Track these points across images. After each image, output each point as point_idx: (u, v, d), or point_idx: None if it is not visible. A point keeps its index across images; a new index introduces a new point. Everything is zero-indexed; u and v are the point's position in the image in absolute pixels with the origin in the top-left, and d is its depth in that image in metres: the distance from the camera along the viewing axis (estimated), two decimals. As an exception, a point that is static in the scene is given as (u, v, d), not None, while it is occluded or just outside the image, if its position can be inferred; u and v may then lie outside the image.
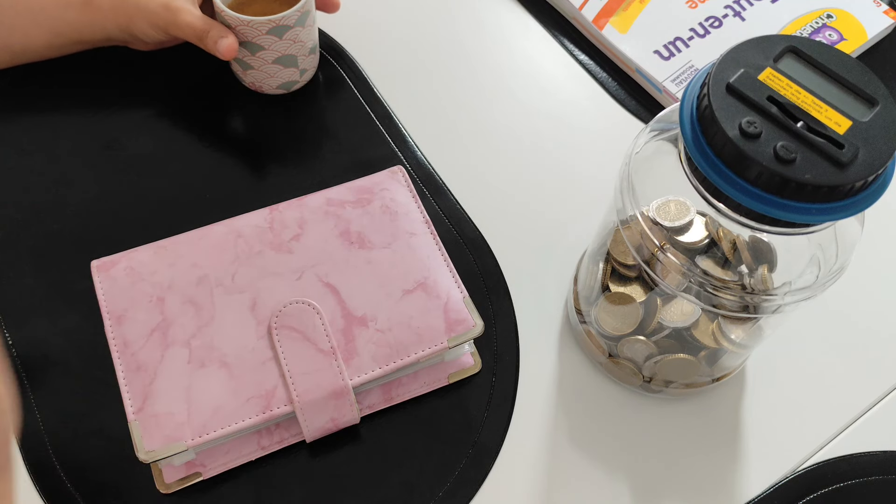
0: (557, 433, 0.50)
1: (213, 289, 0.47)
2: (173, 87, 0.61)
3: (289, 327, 0.46)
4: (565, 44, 0.67)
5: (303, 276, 0.48)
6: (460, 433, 0.49)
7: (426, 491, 0.47)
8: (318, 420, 0.45)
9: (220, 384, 0.44)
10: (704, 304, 0.41)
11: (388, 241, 0.50)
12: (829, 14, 0.66)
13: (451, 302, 0.48)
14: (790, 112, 0.35)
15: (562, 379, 0.52)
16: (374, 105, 0.62)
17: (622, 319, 0.48)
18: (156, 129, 0.59)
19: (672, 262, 0.41)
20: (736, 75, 0.36)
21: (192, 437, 0.43)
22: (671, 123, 0.42)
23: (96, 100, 0.60)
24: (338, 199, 0.51)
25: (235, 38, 0.55)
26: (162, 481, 0.45)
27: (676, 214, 0.43)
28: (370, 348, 0.46)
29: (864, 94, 0.36)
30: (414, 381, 0.49)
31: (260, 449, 0.47)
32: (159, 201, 0.56)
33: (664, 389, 0.50)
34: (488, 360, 0.51)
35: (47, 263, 0.53)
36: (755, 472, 0.49)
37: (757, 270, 0.42)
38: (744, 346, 0.48)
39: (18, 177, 0.56)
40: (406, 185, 0.53)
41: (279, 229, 0.50)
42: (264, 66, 0.58)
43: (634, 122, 0.63)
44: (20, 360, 0.49)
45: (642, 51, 0.64)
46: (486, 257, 0.55)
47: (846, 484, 0.49)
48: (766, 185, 0.34)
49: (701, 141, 0.35)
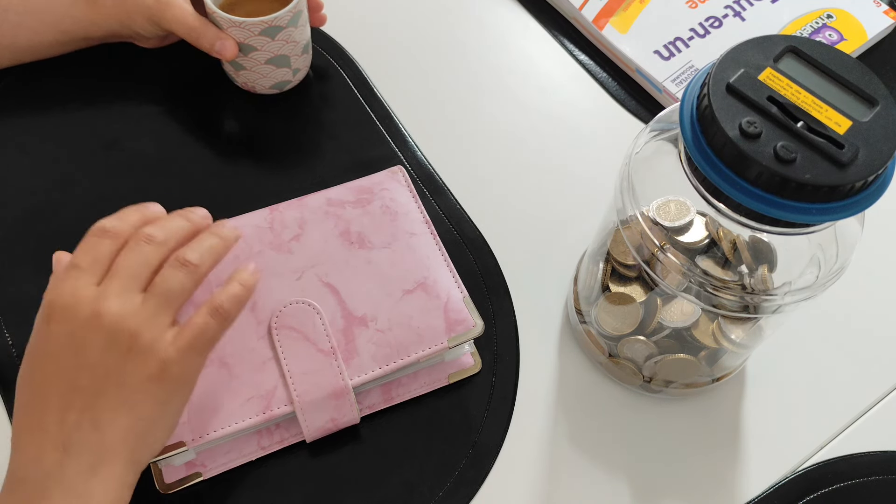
0: (557, 433, 0.50)
1: (212, 289, 0.47)
2: (174, 88, 0.61)
3: (289, 327, 0.46)
4: (565, 44, 0.67)
5: (303, 276, 0.48)
6: (460, 433, 0.49)
7: (426, 491, 0.47)
8: (318, 420, 0.45)
9: (221, 384, 0.44)
10: (704, 304, 0.41)
11: (388, 241, 0.50)
12: (829, 14, 0.66)
13: (451, 302, 0.48)
14: (790, 112, 0.35)
15: (562, 379, 0.51)
16: (374, 105, 0.62)
17: (622, 319, 0.48)
18: (156, 129, 0.59)
19: (672, 262, 0.41)
20: (736, 75, 0.36)
21: (192, 437, 0.43)
22: (671, 123, 0.42)
23: (97, 101, 0.60)
24: (338, 199, 0.51)
25: (234, 41, 0.55)
26: (162, 481, 0.45)
27: (676, 214, 0.43)
28: (370, 348, 0.46)
29: (864, 94, 0.36)
30: (414, 381, 0.49)
31: (260, 449, 0.47)
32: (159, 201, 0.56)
33: (664, 389, 0.50)
34: (488, 360, 0.51)
35: (47, 263, 0.53)
36: (755, 472, 0.49)
37: (757, 270, 0.42)
38: (744, 346, 0.48)
39: (19, 177, 0.56)
40: (406, 185, 0.53)
41: (279, 229, 0.50)
42: (257, 67, 0.57)
43: (634, 122, 0.63)
44: (20, 361, 0.49)
45: (642, 51, 0.64)
46: (486, 257, 0.55)
47: (846, 484, 0.49)
48: (766, 185, 0.34)
49: (701, 141, 0.35)
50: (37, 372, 0.39)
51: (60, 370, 0.39)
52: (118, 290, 0.39)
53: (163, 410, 0.40)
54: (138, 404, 0.39)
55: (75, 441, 0.38)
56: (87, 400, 0.38)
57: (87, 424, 0.38)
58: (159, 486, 0.45)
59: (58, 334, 0.39)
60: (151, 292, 0.40)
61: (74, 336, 0.38)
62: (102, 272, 0.40)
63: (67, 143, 0.58)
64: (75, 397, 0.38)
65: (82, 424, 0.38)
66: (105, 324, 0.38)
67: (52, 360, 0.39)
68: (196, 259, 0.41)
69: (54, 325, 0.39)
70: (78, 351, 0.38)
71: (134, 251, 0.40)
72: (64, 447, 0.38)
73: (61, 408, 0.38)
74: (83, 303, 0.39)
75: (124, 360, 0.38)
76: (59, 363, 0.39)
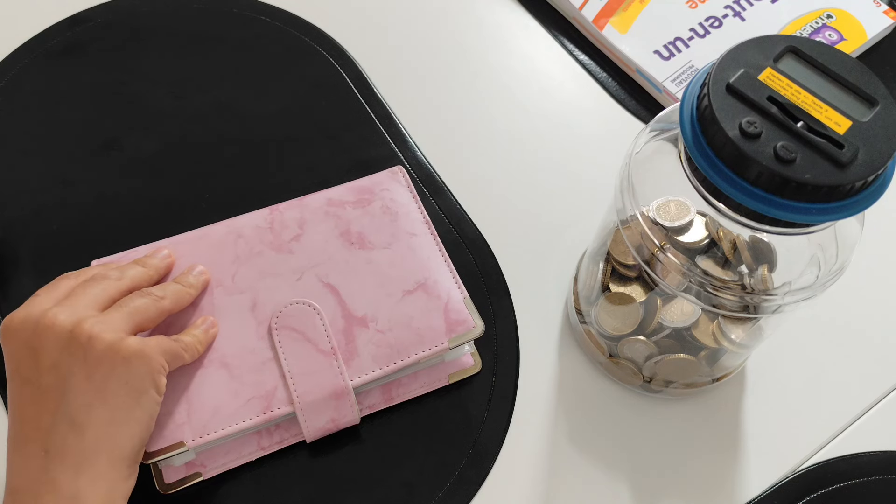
0: (557, 433, 0.50)
1: (213, 289, 0.47)
2: (174, 87, 0.61)
3: (289, 328, 0.46)
4: (565, 44, 0.67)
5: (303, 277, 0.48)
6: (460, 433, 0.49)
7: (426, 491, 0.47)
8: (318, 420, 0.45)
9: (221, 385, 0.44)
10: (704, 304, 0.41)
11: (388, 241, 0.50)
12: (829, 14, 0.66)
13: (452, 302, 0.48)
14: (790, 112, 0.35)
15: (562, 379, 0.51)
16: (374, 105, 0.62)
17: (622, 319, 0.48)
18: (156, 128, 0.59)
19: (672, 262, 0.41)
20: (736, 75, 0.36)
21: (192, 437, 0.43)
22: (671, 123, 0.42)
23: (96, 100, 0.60)
24: (338, 200, 0.51)
25: None
26: (162, 481, 0.45)
27: (676, 214, 0.43)
28: (370, 349, 0.46)
29: (864, 94, 0.36)
30: (414, 381, 0.49)
31: (260, 449, 0.47)
32: (159, 201, 0.56)
33: (664, 389, 0.50)
34: (488, 360, 0.51)
35: (47, 263, 0.53)
36: (755, 472, 0.49)
37: (757, 270, 0.42)
38: (744, 346, 0.48)
39: (19, 177, 0.56)
40: (406, 186, 0.53)
41: (279, 230, 0.50)
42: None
43: (634, 122, 0.63)
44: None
45: (642, 51, 0.64)
46: (486, 257, 0.55)
47: (846, 484, 0.49)
48: (766, 185, 0.34)
49: (701, 141, 0.35)
50: (11, 391, 0.40)
51: (26, 378, 0.39)
52: (70, 304, 0.40)
53: (138, 397, 0.40)
54: (110, 393, 0.39)
55: (55, 443, 0.38)
56: (58, 399, 0.38)
57: (64, 425, 0.38)
58: (159, 486, 0.45)
59: (15, 349, 0.40)
60: (113, 307, 0.42)
61: (30, 344, 0.39)
62: (61, 297, 0.41)
63: (66, 142, 0.58)
64: (45, 399, 0.39)
65: (59, 426, 0.38)
66: (58, 324, 0.39)
67: (17, 373, 0.39)
68: (159, 293, 0.43)
69: (10, 341, 0.40)
70: (36, 356, 0.39)
71: (91, 283, 0.42)
72: (46, 451, 0.38)
73: (35, 414, 0.39)
74: (35, 315, 0.40)
75: (85, 353, 0.39)
76: (22, 373, 0.39)
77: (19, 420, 0.39)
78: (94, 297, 0.41)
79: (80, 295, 0.41)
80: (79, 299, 0.41)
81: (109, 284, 0.42)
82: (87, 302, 0.41)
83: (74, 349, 0.39)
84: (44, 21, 0.64)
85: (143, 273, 0.45)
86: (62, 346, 0.39)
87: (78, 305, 0.40)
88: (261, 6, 0.66)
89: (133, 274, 0.44)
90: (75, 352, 0.39)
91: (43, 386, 0.39)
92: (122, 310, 0.41)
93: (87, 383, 0.39)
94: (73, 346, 0.39)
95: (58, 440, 0.38)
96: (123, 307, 0.42)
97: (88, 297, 0.41)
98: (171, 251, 0.48)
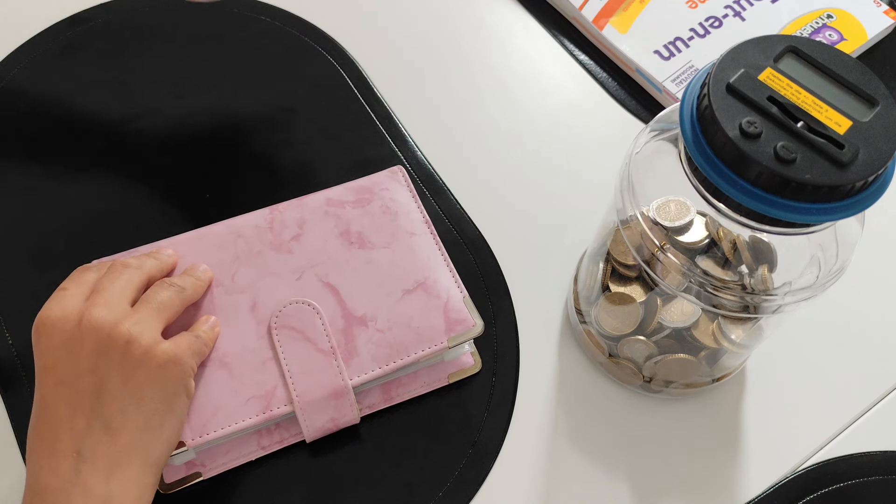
0: (557, 433, 0.50)
1: (213, 289, 0.47)
2: (174, 87, 0.61)
3: (289, 327, 0.46)
4: (565, 44, 0.67)
5: (303, 277, 0.48)
6: (460, 433, 0.49)
7: (426, 491, 0.47)
8: (318, 420, 0.45)
9: (220, 384, 0.44)
10: (704, 304, 0.41)
11: (388, 241, 0.50)
12: (829, 14, 0.66)
13: (452, 302, 0.48)
14: (790, 112, 0.35)
15: (562, 379, 0.51)
16: (374, 105, 0.62)
17: (622, 319, 0.48)
18: (156, 128, 0.59)
19: (672, 262, 0.41)
20: (736, 75, 0.36)
21: (192, 437, 0.43)
22: (671, 123, 0.42)
23: (96, 100, 0.60)
24: (338, 199, 0.51)
25: None
26: (162, 481, 0.45)
27: (676, 214, 0.43)
28: (370, 348, 0.46)
29: (864, 94, 0.36)
30: (414, 380, 0.49)
31: (260, 449, 0.47)
32: (159, 201, 0.56)
33: (664, 389, 0.50)
34: (488, 360, 0.51)
35: (47, 263, 0.53)
36: (755, 472, 0.49)
37: (757, 270, 0.42)
38: (744, 346, 0.48)
39: (18, 176, 0.56)
40: (406, 185, 0.53)
41: (279, 229, 0.50)
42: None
43: (634, 122, 0.63)
44: (20, 360, 0.49)
45: (642, 51, 0.64)
46: (486, 257, 0.55)
47: (846, 484, 0.49)
48: (766, 185, 0.34)
49: (701, 141, 0.35)
50: (41, 387, 0.40)
51: (61, 379, 0.39)
52: (105, 301, 0.41)
53: (171, 403, 0.40)
54: (145, 399, 0.39)
55: (88, 446, 0.38)
56: (93, 402, 0.39)
57: (98, 428, 0.38)
58: (159, 486, 0.45)
59: (52, 347, 0.39)
60: (141, 302, 0.42)
61: (68, 345, 0.39)
62: (88, 293, 0.42)
63: (66, 141, 0.58)
64: (80, 401, 0.39)
65: (93, 428, 0.38)
66: (97, 327, 0.39)
67: (52, 372, 0.39)
68: (180, 282, 0.44)
69: (46, 339, 0.40)
70: (75, 357, 0.39)
71: (115, 273, 0.42)
72: (78, 453, 0.38)
73: (69, 415, 0.38)
74: (72, 314, 0.40)
75: (123, 358, 0.39)
76: (58, 374, 0.39)
77: (50, 420, 0.39)
78: (122, 291, 0.42)
79: (108, 289, 0.41)
80: (111, 294, 0.41)
81: (133, 274, 0.43)
82: (119, 297, 0.41)
83: (112, 353, 0.39)
84: (44, 21, 0.64)
85: (157, 265, 0.45)
86: (101, 350, 0.39)
87: (112, 302, 0.41)
88: (261, 6, 0.66)
89: (150, 265, 0.45)
90: (113, 356, 0.39)
91: (80, 388, 0.39)
92: (150, 305, 0.42)
93: (123, 388, 0.39)
94: (111, 349, 0.39)
95: (91, 443, 0.38)
96: (151, 302, 0.42)
97: (118, 291, 0.41)
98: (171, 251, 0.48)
